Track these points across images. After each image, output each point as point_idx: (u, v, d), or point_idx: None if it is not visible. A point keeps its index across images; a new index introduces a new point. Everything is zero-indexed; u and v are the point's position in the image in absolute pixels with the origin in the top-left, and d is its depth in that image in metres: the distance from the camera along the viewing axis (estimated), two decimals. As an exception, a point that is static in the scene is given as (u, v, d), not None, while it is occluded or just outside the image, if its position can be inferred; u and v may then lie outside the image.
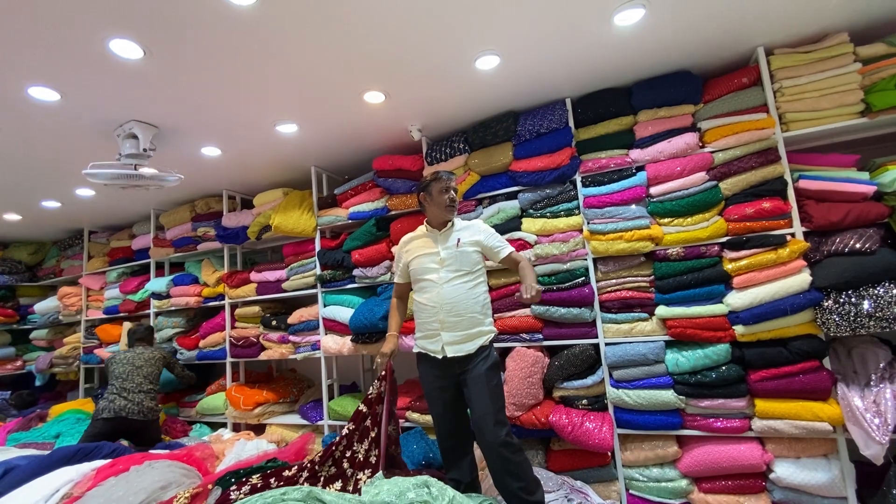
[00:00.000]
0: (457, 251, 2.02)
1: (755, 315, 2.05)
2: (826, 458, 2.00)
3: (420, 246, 2.11)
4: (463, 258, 2.02)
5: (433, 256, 2.05)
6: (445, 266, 2.02)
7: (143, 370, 3.02)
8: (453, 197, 2.07)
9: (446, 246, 2.04)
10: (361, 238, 2.98)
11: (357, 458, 1.91)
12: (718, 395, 2.11)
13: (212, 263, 3.74)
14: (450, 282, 1.99)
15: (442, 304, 1.98)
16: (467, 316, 1.96)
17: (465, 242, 2.04)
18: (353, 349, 2.93)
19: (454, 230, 2.09)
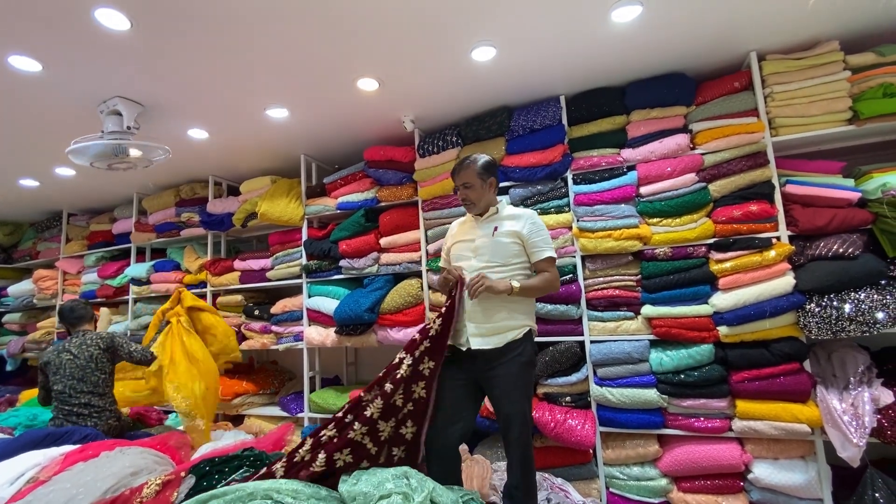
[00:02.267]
0: (492, 240, 1.87)
1: (739, 316, 2.07)
2: (803, 459, 2.03)
3: (462, 231, 2.00)
4: (497, 248, 1.85)
5: (469, 244, 1.93)
6: (478, 255, 1.88)
7: (87, 382, 2.52)
8: (462, 198, 1.91)
9: (482, 234, 1.90)
10: (349, 229, 2.94)
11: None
12: (700, 395, 2.12)
13: (195, 250, 3.66)
14: (477, 271, 1.83)
15: (468, 295, 1.83)
16: (495, 308, 1.80)
17: (502, 232, 1.87)
18: (337, 341, 2.89)
19: (496, 217, 1.92)
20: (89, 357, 2.56)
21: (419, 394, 1.77)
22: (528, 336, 1.86)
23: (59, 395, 2.53)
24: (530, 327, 1.87)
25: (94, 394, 2.55)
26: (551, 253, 1.88)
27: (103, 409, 2.58)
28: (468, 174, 1.90)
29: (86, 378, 2.53)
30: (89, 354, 2.56)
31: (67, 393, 2.51)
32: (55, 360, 2.56)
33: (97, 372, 2.56)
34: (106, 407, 2.60)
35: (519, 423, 1.74)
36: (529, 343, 1.86)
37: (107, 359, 2.62)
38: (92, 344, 2.59)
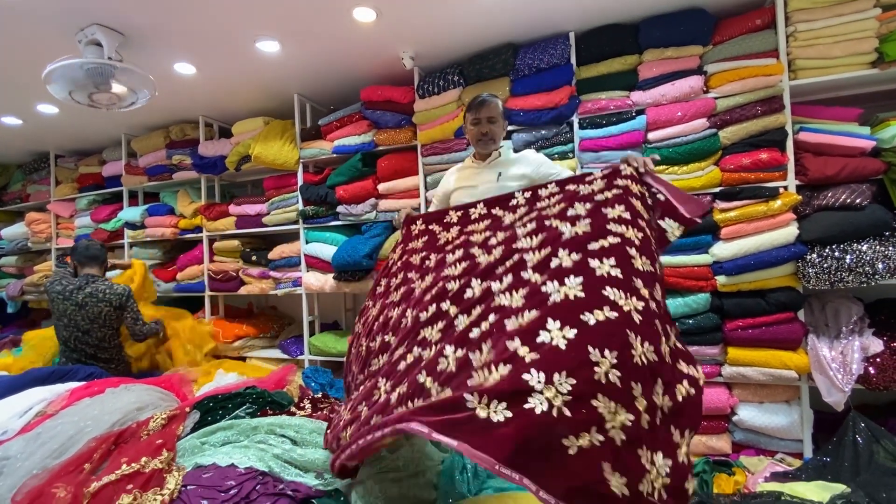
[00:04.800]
0: (496, 186, 1.81)
1: (738, 266, 2.07)
2: (787, 403, 2.10)
3: (463, 178, 1.94)
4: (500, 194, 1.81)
5: (471, 190, 1.87)
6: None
7: (92, 336, 2.48)
8: (485, 132, 1.81)
9: (485, 181, 1.85)
10: (346, 174, 2.86)
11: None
12: (694, 343, 2.16)
13: (188, 194, 3.58)
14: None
15: None
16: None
17: (508, 176, 1.82)
18: (336, 287, 2.90)
19: (499, 162, 1.87)
20: (97, 313, 2.50)
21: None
22: None
23: (65, 340, 2.56)
24: None
25: (99, 347, 2.57)
26: (568, 172, 1.83)
27: (110, 359, 2.62)
28: (494, 108, 1.85)
29: (91, 332, 2.53)
30: (97, 311, 2.50)
31: (73, 342, 2.53)
32: (59, 304, 2.52)
33: (104, 328, 2.55)
34: (113, 357, 2.63)
35: None
36: None
37: (116, 316, 2.56)
38: (104, 300, 2.51)
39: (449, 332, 1.19)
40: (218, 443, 1.55)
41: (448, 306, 1.27)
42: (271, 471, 1.40)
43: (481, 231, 1.51)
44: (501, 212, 1.55)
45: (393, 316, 1.46)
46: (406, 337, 1.31)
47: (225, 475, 1.35)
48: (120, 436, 1.66)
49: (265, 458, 1.42)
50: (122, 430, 1.69)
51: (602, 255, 1.06)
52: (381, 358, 1.37)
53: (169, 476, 1.32)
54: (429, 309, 1.31)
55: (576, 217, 1.22)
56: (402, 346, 1.30)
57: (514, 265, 1.21)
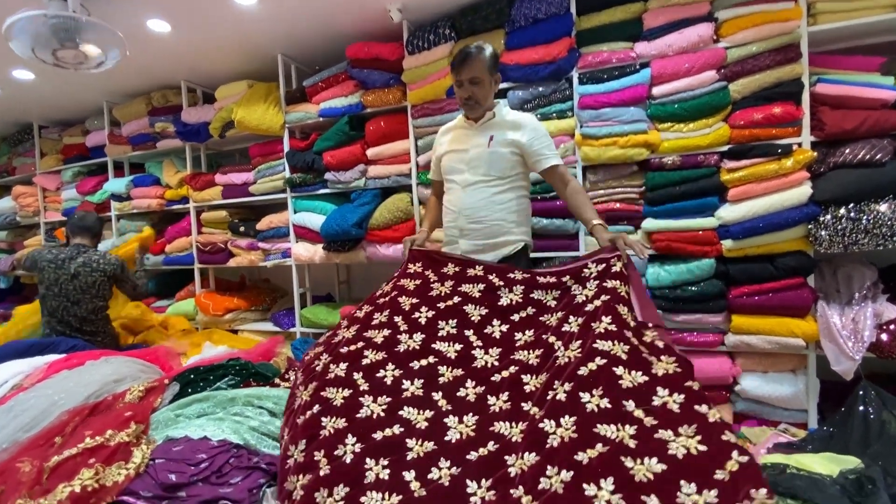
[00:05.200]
0: (487, 151, 1.72)
1: (746, 229, 1.94)
2: (793, 373, 2.01)
3: (454, 140, 1.83)
4: (494, 160, 1.71)
5: (461, 154, 1.78)
6: (472, 167, 1.75)
7: (82, 307, 2.42)
8: (467, 96, 1.69)
9: (476, 145, 1.75)
10: (333, 138, 2.72)
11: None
12: (696, 310, 2.06)
13: (174, 164, 3.45)
14: (472, 185, 1.73)
15: (462, 210, 1.77)
16: (489, 223, 1.73)
17: (500, 141, 1.71)
18: (325, 258, 2.80)
19: (492, 123, 1.75)
20: (91, 283, 2.46)
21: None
22: (523, 252, 1.78)
23: (52, 310, 2.48)
24: (525, 242, 1.80)
25: (86, 319, 2.50)
26: (557, 160, 1.74)
27: (96, 332, 2.56)
28: (477, 66, 1.67)
29: (82, 303, 2.46)
30: (92, 280, 2.45)
31: (60, 313, 2.47)
32: (50, 273, 2.45)
33: (95, 299, 2.50)
34: (99, 330, 2.58)
35: None
36: (524, 259, 1.78)
37: (109, 286, 2.53)
38: (98, 269, 2.47)
39: (439, 431, 1.17)
40: (193, 415, 1.49)
41: (439, 398, 1.26)
42: (247, 443, 1.33)
43: (476, 300, 1.49)
44: (498, 281, 1.52)
45: (369, 358, 1.35)
46: (383, 395, 1.25)
47: (196, 448, 1.29)
48: (94, 409, 1.59)
49: (240, 431, 1.36)
50: (97, 403, 1.62)
51: (591, 385, 1.10)
52: (342, 394, 1.25)
53: (136, 449, 1.25)
54: (415, 382, 1.29)
55: (570, 336, 1.26)
56: (379, 408, 1.22)
57: (511, 383, 1.24)
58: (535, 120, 1.79)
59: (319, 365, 1.37)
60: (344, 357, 1.35)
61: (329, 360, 1.37)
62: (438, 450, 1.11)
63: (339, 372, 1.30)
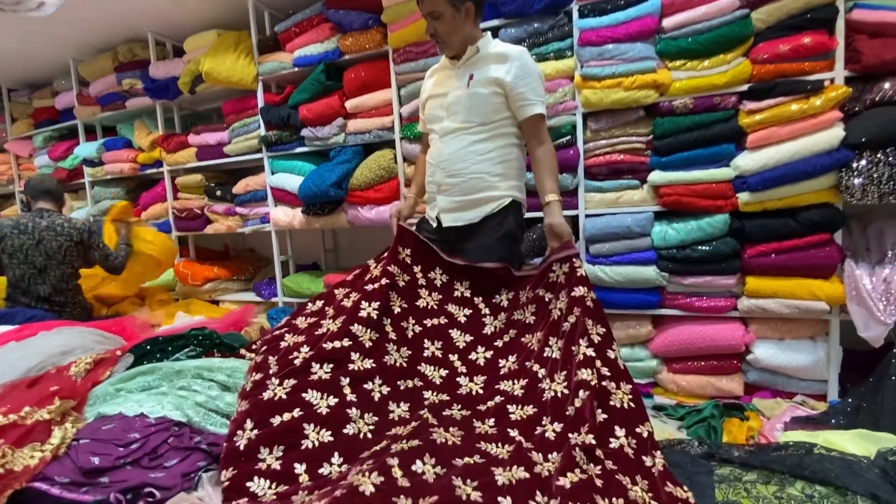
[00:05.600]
0: (465, 94, 1.50)
1: (766, 180, 1.71)
2: (813, 340, 1.82)
3: (437, 83, 1.62)
4: (473, 103, 1.49)
5: (440, 100, 1.57)
6: (451, 113, 1.54)
7: (49, 275, 2.27)
8: (433, 32, 1.48)
9: (455, 87, 1.53)
10: (309, 90, 2.47)
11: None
12: (706, 272, 1.86)
13: (145, 125, 3.22)
14: (451, 134, 1.53)
15: (439, 162, 1.57)
16: (467, 176, 1.53)
17: (480, 80, 1.48)
18: (305, 222, 2.60)
19: (475, 60, 1.51)
20: (56, 248, 2.28)
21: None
22: (510, 207, 1.56)
23: (16, 280, 2.31)
24: (513, 198, 1.56)
25: (56, 288, 2.33)
26: (541, 109, 1.49)
27: (66, 302, 2.39)
28: (435, 3, 1.44)
29: (48, 270, 2.29)
30: (57, 245, 2.28)
31: (25, 283, 2.29)
32: (13, 240, 2.27)
33: (63, 266, 2.32)
34: (69, 300, 2.40)
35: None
36: (512, 215, 1.56)
37: (77, 253, 2.35)
38: (63, 233, 2.29)
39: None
40: (136, 389, 1.32)
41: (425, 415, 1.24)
42: (190, 421, 1.17)
43: (461, 326, 1.47)
44: (484, 307, 1.51)
45: (356, 364, 1.28)
46: (370, 412, 1.22)
47: (130, 426, 1.12)
48: (34, 382, 1.43)
49: (184, 407, 1.19)
50: (38, 377, 1.46)
51: (578, 424, 1.11)
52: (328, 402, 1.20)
53: (57, 429, 1.09)
54: (401, 405, 1.27)
55: (553, 365, 1.27)
56: (367, 428, 1.19)
57: (497, 412, 1.25)
58: (525, 55, 1.53)
59: (298, 357, 1.27)
60: (329, 355, 1.27)
61: (310, 353, 1.27)
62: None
63: (323, 374, 1.23)
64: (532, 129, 1.51)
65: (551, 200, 1.46)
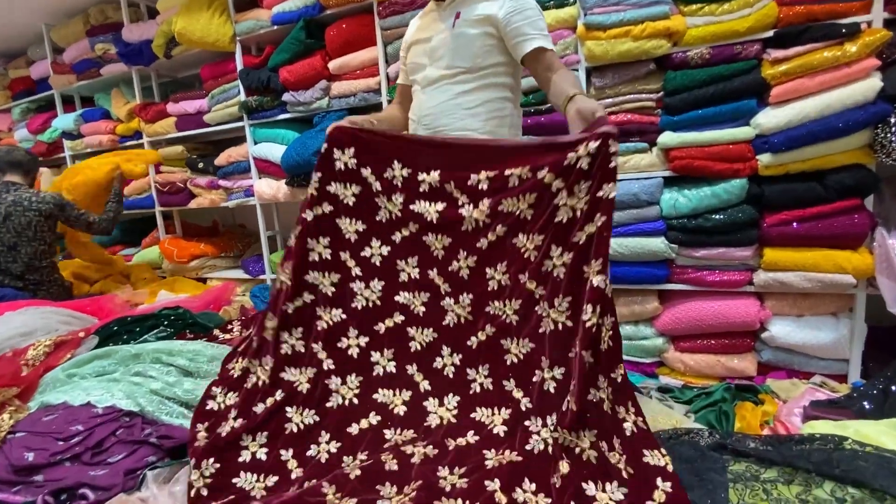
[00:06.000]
0: (450, 36, 1.29)
1: (791, 139, 1.53)
2: (835, 316, 1.67)
3: (421, 28, 1.41)
4: (459, 46, 1.28)
5: (423, 45, 1.36)
6: (434, 60, 1.33)
7: (20, 252, 2.16)
8: None
9: (439, 30, 1.33)
10: (289, 49, 2.28)
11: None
12: (720, 244, 1.70)
13: (123, 94, 3.05)
14: (434, 84, 1.32)
15: (420, 117, 1.37)
16: (455, 133, 1.31)
17: (467, 19, 1.28)
18: (290, 194, 2.45)
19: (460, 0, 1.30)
20: (26, 223, 2.16)
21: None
22: None
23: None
24: None
25: (29, 266, 2.21)
26: (543, 42, 1.26)
27: (41, 281, 2.28)
28: None
29: (19, 247, 2.17)
30: (27, 221, 2.16)
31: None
32: None
33: (34, 242, 2.19)
34: (44, 279, 2.29)
35: None
36: None
37: (48, 227, 2.22)
38: (32, 208, 2.17)
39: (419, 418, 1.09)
40: (91, 374, 1.21)
41: (414, 372, 1.15)
42: (142, 410, 1.06)
43: (435, 226, 1.17)
44: (457, 192, 1.15)
45: (324, 319, 1.15)
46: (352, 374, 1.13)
47: (74, 417, 1.02)
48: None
49: (136, 395, 1.08)
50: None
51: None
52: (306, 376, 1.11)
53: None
54: (384, 353, 1.16)
55: (555, 285, 1.04)
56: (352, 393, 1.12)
57: (490, 350, 1.11)
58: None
59: (267, 331, 1.13)
60: (294, 319, 1.14)
61: (276, 324, 1.13)
62: (418, 437, 1.04)
63: (295, 343, 1.12)
64: (538, 63, 1.26)
65: (576, 93, 1.13)
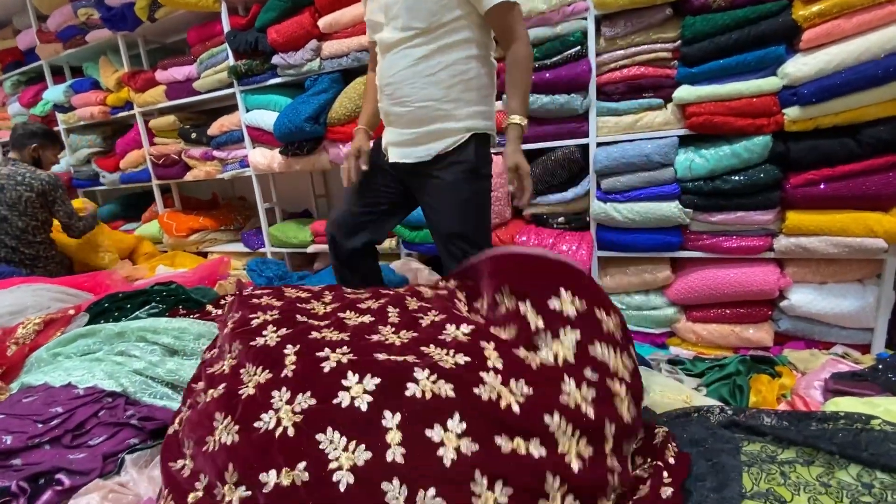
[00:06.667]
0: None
1: (823, 89, 1.38)
2: (861, 283, 1.57)
3: None
4: (412, 2, 1.15)
5: (381, 4, 1.22)
6: (391, 19, 1.20)
7: (12, 226, 2.13)
8: None
9: None
10: (276, 7, 2.13)
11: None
12: (738, 207, 1.58)
13: (110, 62, 2.93)
14: (394, 49, 1.22)
15: (383, 86, 1.27)
16: (416, 106, 1.22)
17: None
18: (285, 164, 2.36)
19: None
20: (16, 198, 2.14)
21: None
22: (471, 142, 1.25)
23: None
24: (475, 131, 1.25)
25: (21, 239, 2.19)
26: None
27: (37, 256, 2.26)
28: None
29: (10, 221, 2.15)
30: (16, 195, 2.14)
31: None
32: None
33: (24, 217, 2.17)
34: (40, 254, 2.27)
35: (460, 249, 1.26)
36: (474, 149, 1.25)
37: (39, 204, 2.19)
38: (23, 182, 2.15)
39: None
40: (76, 353, 1.18)
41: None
42: (124, 391, 1.02)
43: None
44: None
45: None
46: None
47: (53, 399, 0.98)
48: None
49: (118, 375, 1.04)
50: (-22, 340, 1.33)
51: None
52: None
53: (-32, 403, 0.95)
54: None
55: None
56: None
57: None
58: None
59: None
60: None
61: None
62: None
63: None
64: (499, 22, 1.16)
65: (515, 123, 1.17)
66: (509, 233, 1.92)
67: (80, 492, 0.79)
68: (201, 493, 0.71)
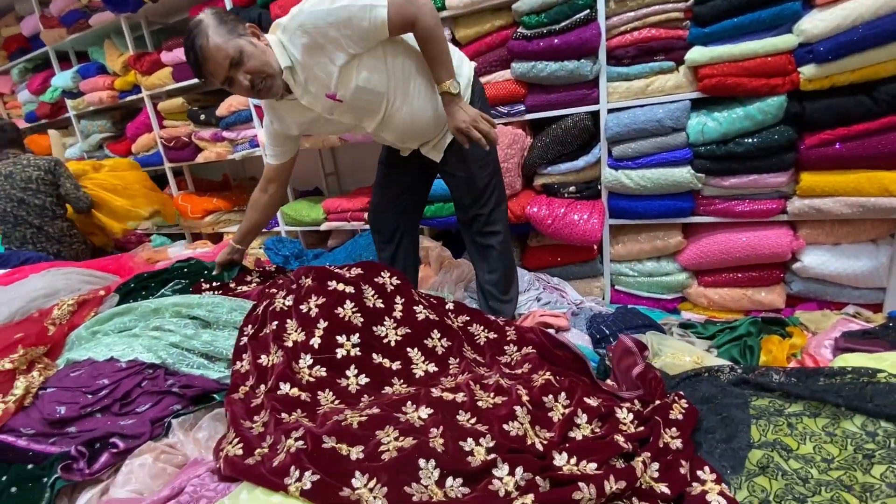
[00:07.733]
0: (348, 101, 1.25)
1: (840, 45, 1.35)
2: (874, 243, 1.57)
3: (297, 110, 1.39)
4: (360, 98, 1.25)
5: (333, 113, 1.33)
6: (360, 109, 1.36)
7: (29, 206, 2.25)
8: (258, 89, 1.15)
9: (329, 105, 1.28)
10: (278, -19, 2.11)
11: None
12: (751, 170, 1.58)
13: (115, 45, 2.93)
14: (382, 122, 1.36)
15: (402, 145, 1.49)
16: (421, 129, 1.40)
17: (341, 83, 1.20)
18: (295, 142, 2.37)
19: (297, 83, 1.20)
20: (27, 178, 2.26)
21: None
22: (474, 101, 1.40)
23: (2, 216, 2.29)
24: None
25: (43, 217, 2.30)
26: (382, 4, 1.07)
27: (62, 235, 2.36)
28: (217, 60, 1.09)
29: (27, 201, 2.27)
30: (27, 176, 2.27)
31: (11, 216, 2.28)
32: None
33: (40, 195, 2.29)
34: (65, 231, 2.38)
35: (487, 197, 1.43)
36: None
37: (49, 181, 2.32)
38: (30, 165, 2.29)
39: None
40: (113, 330, 1.24)
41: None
42: (163, 362, 1.08)
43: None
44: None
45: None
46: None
47: (99, 372, 1.04)
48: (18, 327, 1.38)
49: (156, 348, 1.10)
50: (21, 321, 1.40)
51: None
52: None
53: (21, 378, 1.02)
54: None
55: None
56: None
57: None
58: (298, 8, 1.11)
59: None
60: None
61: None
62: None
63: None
64: (400, 22, 1.10)
65: (443, 92, 1.21)
66: (520, 203, 1.93)
67: (134, 453, 0.86)
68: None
